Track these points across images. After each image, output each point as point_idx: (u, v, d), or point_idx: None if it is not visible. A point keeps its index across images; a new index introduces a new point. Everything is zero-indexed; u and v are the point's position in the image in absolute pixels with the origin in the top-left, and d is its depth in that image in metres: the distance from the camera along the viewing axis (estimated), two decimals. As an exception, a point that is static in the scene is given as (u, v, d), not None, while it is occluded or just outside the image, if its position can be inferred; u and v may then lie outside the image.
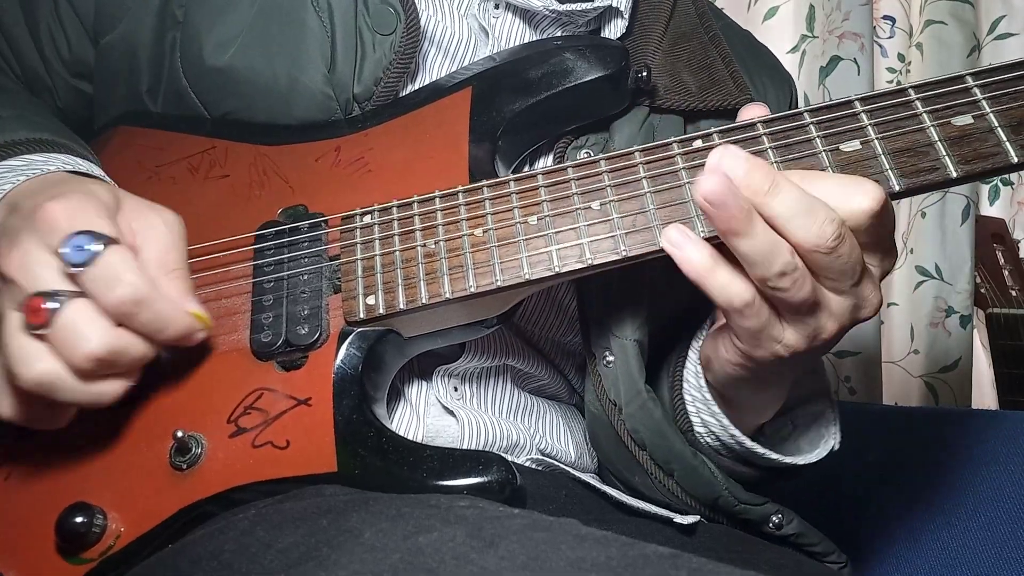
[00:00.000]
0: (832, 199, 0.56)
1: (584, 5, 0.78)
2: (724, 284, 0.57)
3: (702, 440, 0.72)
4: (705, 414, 0.71)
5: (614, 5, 0.79)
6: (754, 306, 0.57)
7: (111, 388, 0.58)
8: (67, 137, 0.71)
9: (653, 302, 0.72)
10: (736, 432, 0.69)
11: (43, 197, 0.58)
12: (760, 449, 0.70)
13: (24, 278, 0.55)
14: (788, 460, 0.71)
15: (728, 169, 0.54)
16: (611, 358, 0.71)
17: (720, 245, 0.57)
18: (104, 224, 0.57)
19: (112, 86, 0.80)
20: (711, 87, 0.76)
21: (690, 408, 0.72)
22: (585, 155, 0.72)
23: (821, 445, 0.72)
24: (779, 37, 1.72)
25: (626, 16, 0.80)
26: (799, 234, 0.54)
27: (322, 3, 0.73)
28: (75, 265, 0.55)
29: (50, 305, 0.54)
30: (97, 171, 0.69)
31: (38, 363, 0.55)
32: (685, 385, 0.72)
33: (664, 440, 0.70)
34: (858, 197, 0.56)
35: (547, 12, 0.78)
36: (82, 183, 0.63)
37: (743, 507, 0.72)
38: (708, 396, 0.69)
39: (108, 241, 0.56)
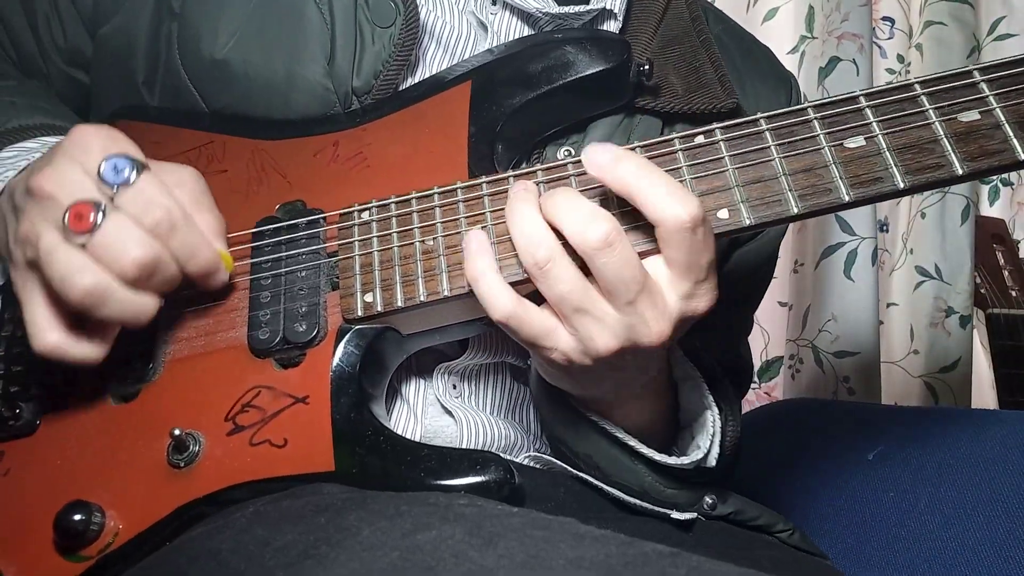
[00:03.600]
0: (651, 199, 0.56)
1: (579, 8, 0.77)
2: (487, 292, 0.58)
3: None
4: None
5: (608, 7, 0.79)
6: (515, 317, 0.58)
7: (151, 302, 0.58)
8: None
9: None
10: (600, 419, 0.69)
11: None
12: (620, 434, 0.69)
13: (62, 192, 0.56)
14: (646, 452, 0.69)
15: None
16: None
17: None
18: (138, 152, 0.59)
19: (108, 78, 0.80)
20: (698, 89, 0.76)
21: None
22: (564, 154, 0.72)
23: (691, 454, 0.70)
24: (778, 38, 1.71)
25: (619, 18, 0.80)
26: (567, 227, 0.56)
27: None
28: (113, 185, 0.57)
29: (95, 215, 0.55)
30: None
31: (88, 273, 0.55)
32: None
33: (579, 434, 0.70)
34: (675, 206, 0.55)
35: (542, 14, 0.77)
36: None
37: (670, 492, 0.71)
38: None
39: (142, 167, 0.58)
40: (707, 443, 0.70)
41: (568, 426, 0.70)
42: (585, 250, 0.56)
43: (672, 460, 0.69)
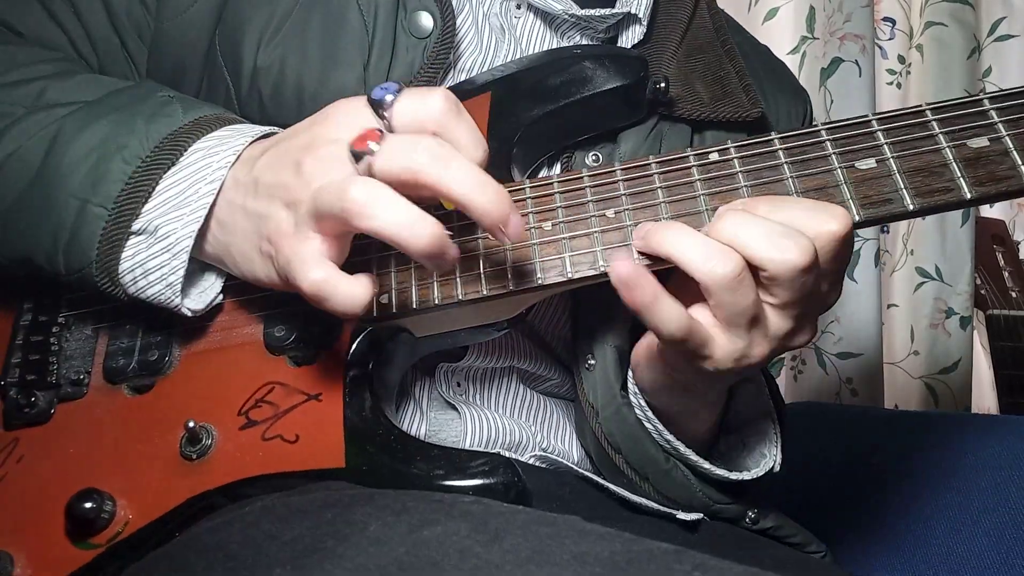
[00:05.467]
0: (801, 222, 0.57)
1: (604, 11, 0.78)
2: (664, 311, 0.57)
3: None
4: (645, 422, 0.72)
5: (633, 12, 0.80)
6: (690, 335, 0.58)
7: (430, 225, 0.53)
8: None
9: None
10: (669, 436, 0.70)
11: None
12: (694, 456, 0.70)
13: (342, 132, 0.55)
14: (721, 473, 0.71)
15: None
16: (592, 362, 0.72)
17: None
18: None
19: (160, 69, 0.75)
20: (723, 98, 0.77)
21: (639, 414, 0.72)
22: (592, 162, 0.73)
23: (761, 464, 0.72)
24: (779, 38, 1.71)
25: (644, 23, 0.80)
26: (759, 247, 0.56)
27: (368, 1, 0.72)
28: (385, 105, 0.55)
29: (375, 144, 0.53)
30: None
31: (363, 183, 0.52)
32: (630, 385, 0.73)
33: (637, 444, 0.71)
34: (829, 222, 0.57)
35: (567, 16, 0.78)
36: None
37: (719, 507, 0.73)
38: (643, 403, 0.70)
39: (399, 87, 0.56)
40: (774, 451, 0.72)
41: (627, 438, 0.71)
42: (780, 272, 0.56)
43: (747, 475, 0.71)
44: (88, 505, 0.60)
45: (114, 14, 0.74)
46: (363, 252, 0.63)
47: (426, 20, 0.72)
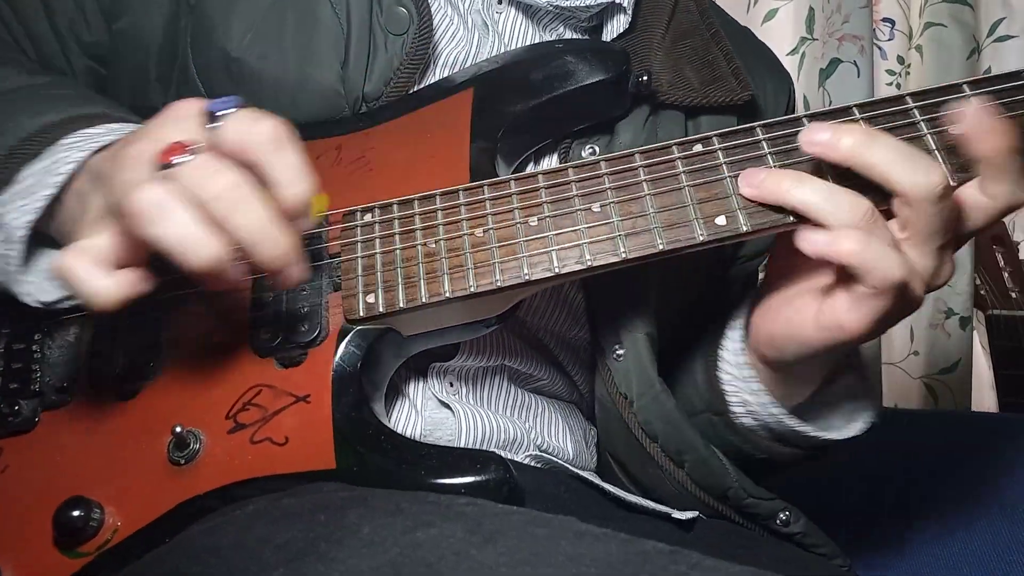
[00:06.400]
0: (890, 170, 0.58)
1: (587, 1, 0.78)
2: (825, 201, 0.58)
3: (738, 421, 0.74)
4: (745, 393, 0.72)
5: (617, 1, 0.79)
6: (869, 226, 0.58)
7: (214, 244, 0.52)
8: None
9: (662, 295, 0.73)
10: (776, 410, 0.70)
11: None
12: (800, 426, 0.71)
13: (153, 144, 0.54)
14: (826, 436, 0.72)
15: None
16: (621, 351, 0.72)
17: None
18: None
19: (121, 74, 0.79)
20: (713, 83, 0.77)
21: (727, 388, 0.73)
22: (588, 153, 0.73)
23: (859, 418, 0.73)
24: (779, 39, 1.71)
25: (629, 12, 0.80)
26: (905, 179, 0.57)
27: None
28: (217, 115, 0.54)
29: (181, 157, 0.53)
30: None
31: (152, 187, 0.52)
32: (722, 365, 0.73)
33: (677, 430, 0.71)
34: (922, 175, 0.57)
35: (550, 7, 0.78)
36: None
37: (752, 501, 0.73)
38: (748, 374, 0.71)
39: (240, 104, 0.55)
40: (870, 407, 0.74)
41: (665, 423, 0.71)
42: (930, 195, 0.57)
43: (835, 435, 0.73)
44: (76, 514, 0.59)
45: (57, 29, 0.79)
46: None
47: (401, 14, 0.72)
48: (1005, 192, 0.58)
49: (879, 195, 0.58)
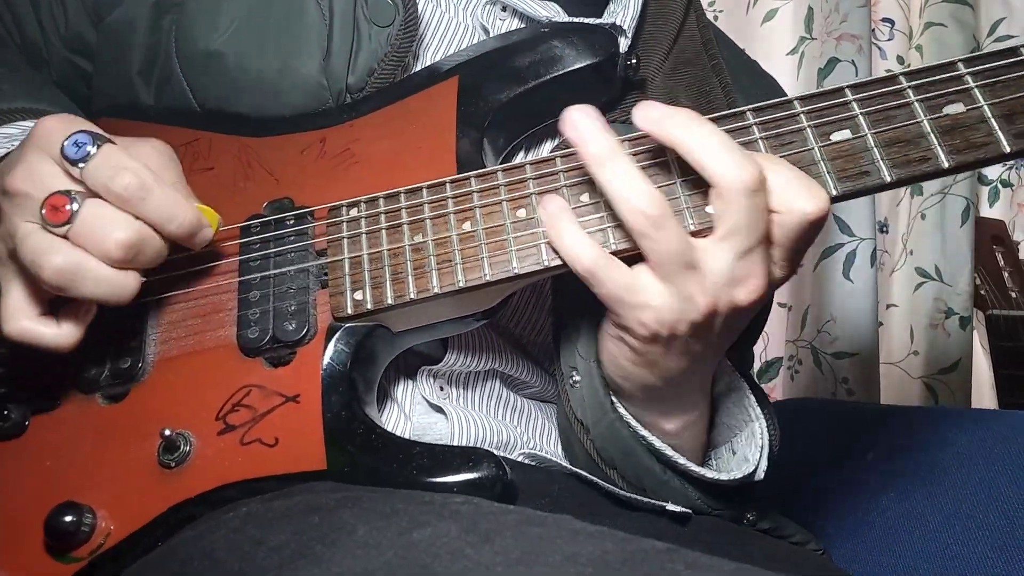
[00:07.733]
0: (780, 191, 0.56)
1: (589, 21, 0.77)
2: (572, 242, 0.58)
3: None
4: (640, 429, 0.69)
5: (618, 23, 0.78)
6: (601, 269, 0.57)
7: (131, 279, 0.59)
8: (64, 107, 0.72)
9: None
10: (663, 445, 0.68)
11: None
12: (682, 460, 0.68)
13: (34, 187, 0.57)
14: (711, 476, 0.69)
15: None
16: (577, 378, 0.69)
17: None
18: (98, 129, 0.59)
19: (106, 68, 0.80)
20: (707, 115, 0.76)
21: (630, 422, 0.69)
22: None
23: (742, 468, 0.70)
24: (778, 39, 1.71)
25: (629, 36, 0.79)
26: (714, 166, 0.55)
27: None
28: (76, 161, 0.57)
29: (70, 205, 0.56)
30: None
31: (58, 253, 0.56)
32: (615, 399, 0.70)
33: (631, 458, 0.69)
34: (803, 201, 0.55)
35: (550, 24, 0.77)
36: None
37: (717, 512, 0.72)
38: (629, 415, 0.68)
39: (103, 140, 0.58)
40: (756, 455, 0.70)
41: (622, 452, 0.69)
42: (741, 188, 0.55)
43: (724, 477, 0.69)
44: (67, 519, 0.59)
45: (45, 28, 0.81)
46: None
47: (387, 6, 0.71)
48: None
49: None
